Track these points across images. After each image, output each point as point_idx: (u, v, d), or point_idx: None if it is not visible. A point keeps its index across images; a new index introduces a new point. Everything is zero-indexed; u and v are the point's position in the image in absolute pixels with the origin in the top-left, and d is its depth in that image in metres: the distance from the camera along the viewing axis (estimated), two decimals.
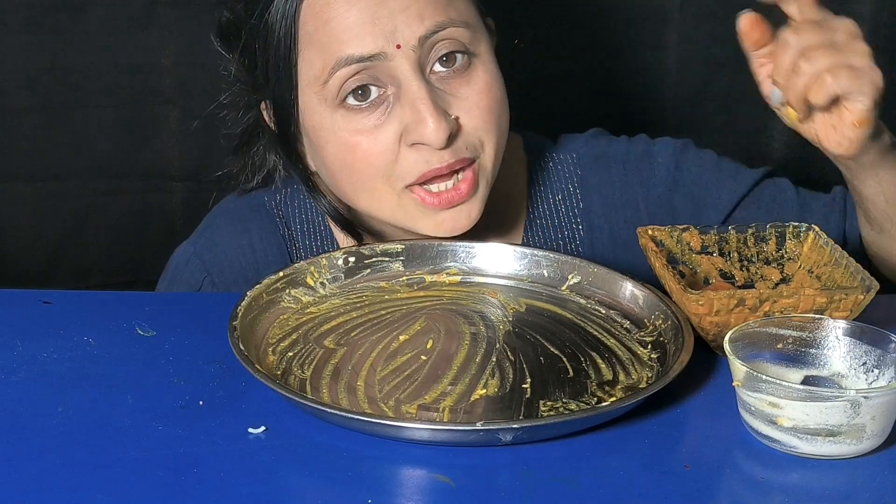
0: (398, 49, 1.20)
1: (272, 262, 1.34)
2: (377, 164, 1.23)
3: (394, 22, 1.20)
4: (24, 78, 1.69)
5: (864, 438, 0.95)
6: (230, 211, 1.39)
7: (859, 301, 1.05)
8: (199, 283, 1.34)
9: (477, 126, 1.24)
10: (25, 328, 1.13)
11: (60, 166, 1.73)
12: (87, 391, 1.03)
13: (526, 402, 1.02)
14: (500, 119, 1.26)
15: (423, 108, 1.20)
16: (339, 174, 1.27)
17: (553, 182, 1.40)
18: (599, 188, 1.38)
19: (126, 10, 1.69)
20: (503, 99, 1.27)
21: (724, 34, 1.81)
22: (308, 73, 1.24)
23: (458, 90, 1.24)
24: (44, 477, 0.92)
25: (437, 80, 1.23)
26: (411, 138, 1.21)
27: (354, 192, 1.27)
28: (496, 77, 1.26)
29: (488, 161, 1.26)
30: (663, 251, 1.16)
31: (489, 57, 1.26)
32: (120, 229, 1.77)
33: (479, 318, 1.15)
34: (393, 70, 1.21)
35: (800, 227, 1.17)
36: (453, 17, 1.22)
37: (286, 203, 1.38)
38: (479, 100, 1.24)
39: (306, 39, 1.23)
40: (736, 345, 1.00)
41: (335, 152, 1.25)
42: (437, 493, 0.92)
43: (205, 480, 0.92)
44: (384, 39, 1.20)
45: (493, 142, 1.26)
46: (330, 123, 1.24)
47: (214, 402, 1.02)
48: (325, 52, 1.21)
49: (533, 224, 1.38)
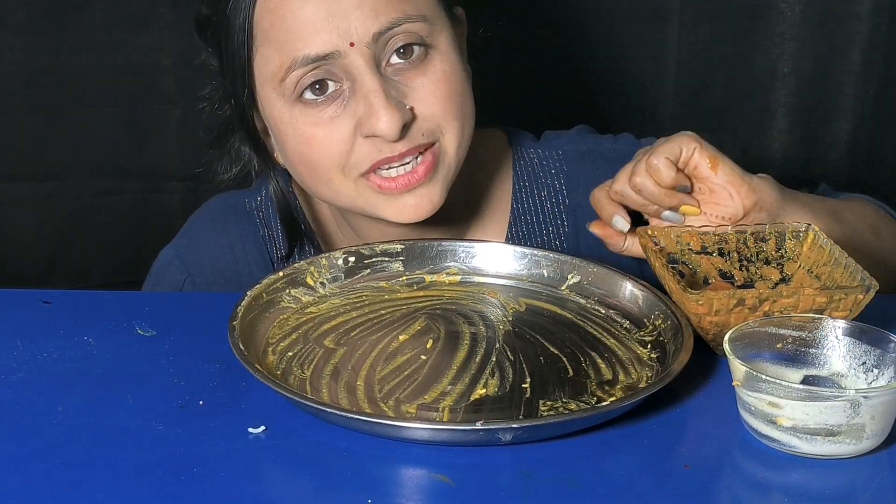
0: (352, 47, 1.20)
1: (252, 262, 1.35)
2: (333, 156, 1.24)
3: (348, 19, 1.20)
4: (24, 78, 1.69)
5: (863, 438, 0.95)
6: (210, 213, 1.41)
7: (859, 301, 1.05)
8: (179, 283, 1.35)
9: (434, 113, 1.24)
10: (25, 328, 1.13)
11: (60, 166, 1.74)
12: (87, 391, 1.03)
13: (526, 401, 1.02)
14: (461, 107, 1.26)
15: (376, 102, 1.20)
16: (299, 166, 1.27)
17: (538, 178, 1.40)
18: (586, 185, 1.38)
19: (126, 10, 1.70)
20: (463, 88, 1.26)
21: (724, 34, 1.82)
22: (265, 69, 1.24)
23: (413, 80, 1.24)
24: (44, 477, 0.92)
25: (392, 71, 1.23)
26: (365, 130, 1.22)
27: (315, 184, 1.28)
28: (455, 67, 1.26)
29: (450, 145, 1.26)
30: (663, 251, 1.16)
31: (449, 47, 1.26)
32: (120, 229, 1.77)
33: (478, 318, 1.15)
34: (347, 66, 1.21)
35: (799, 226, 1.17)
36: (409, 12, 1.22)
37: (266, 204, 1.39)
38: (436, 89, 1.24)
39: (262, 36, 1.23)
40: (735, 345, 1.00)
41: (294, 145, 1.26)
42: (437, 493, 0.92)
43: (205, 480, 0.92)
44: (339, 37, 1.20)
45: (453, 129, 1.25)
46: (288, 118, 1.24)
47: (214, 402, 1.02)
48: (281, 50, 1.22)
49: (518, 219, 1.39)
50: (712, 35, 1.80)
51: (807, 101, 1.82)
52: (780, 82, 1.82)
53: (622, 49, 1.81)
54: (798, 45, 1.80)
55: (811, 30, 1.79)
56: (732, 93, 1.83)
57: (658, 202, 1.19)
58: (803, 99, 1.82)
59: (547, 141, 1.43)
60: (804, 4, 1.79)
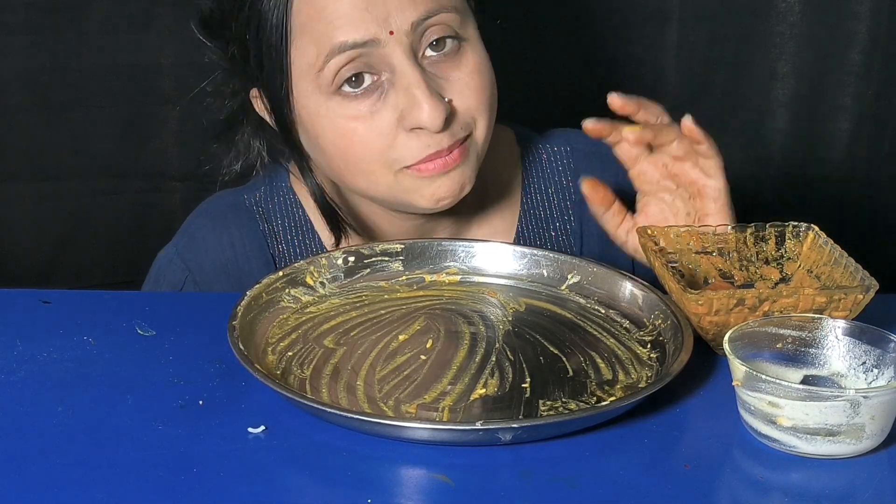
0: (391, 35, 1.21)
1: (252, 258, 1.35)
2: (374, 149, 1.24)
3: (387, 8, 1.21)
4: (24, 78, 1.69)
5: (863, 438, 0.95)
6: (210, 210, 1.41)
7: (859, 301, 1.05)
8: (180, 282, 1.35)
9: (470, 106, 1.25)
10: (25, 328, 1.13)
11: (60, 166, 1.73)
12: (87, 391, 1.03)
13: (525, 401, 1.02)
14: (491, 99, 1.28)
15: (419, 93, 1.21)
16: (336, 159, 1.27)
17: (546, 174, 1.41)
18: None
19: (126, 10, 1.69)
20: (492, 79, 1.28)
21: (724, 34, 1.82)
22: (302, 61, 1.24)
23: (449, 73, 1.25)
24: (44, 477, 0.92)
25: (428, 64, 1.24)
26: (409, 123, 1.22)
27: (352, 176, 1.28)
28: (485, 58, 1.28)
29: (480, 136, 1.27)
30: (663, 251, 1.16)
31: (477, 39, 1.28)
32: (120, 229, 1.77)
33: (478, 318, 1.15)
34: (387, 56, 1.22)
35: (799, 226, 1.17)
36: (444, 2, 1.23)
37: (265, 200, 1.39)
38: (471, 80, 1.25)
39: (300, 29, 1.23)
40: (735, 344, 1.00)
41: (332, 138, 1.26)
42: (436, 493, 0.92)
43: (205, 480, 0.92)
44: (377, 25, 1.20)
45: (484, 119, 1.27)
46: (325, 111, 1.24)
47: (214, 402, 1.02)
48: (318, 40, 1.22)
49: (526, 215, 1.39)
50: (712, 35, 1.80)
51: (807, 101, 1.82)
52: (780, 82, 1.81)
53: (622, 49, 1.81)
54: (798, 45, 1.80)
55: (811, 30, 1.79)
56: (732, 93, 1.83)
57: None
58: (803, 99, 1.82)
59: (554, 137, 1.44)
60: (804, 4, 1.78)
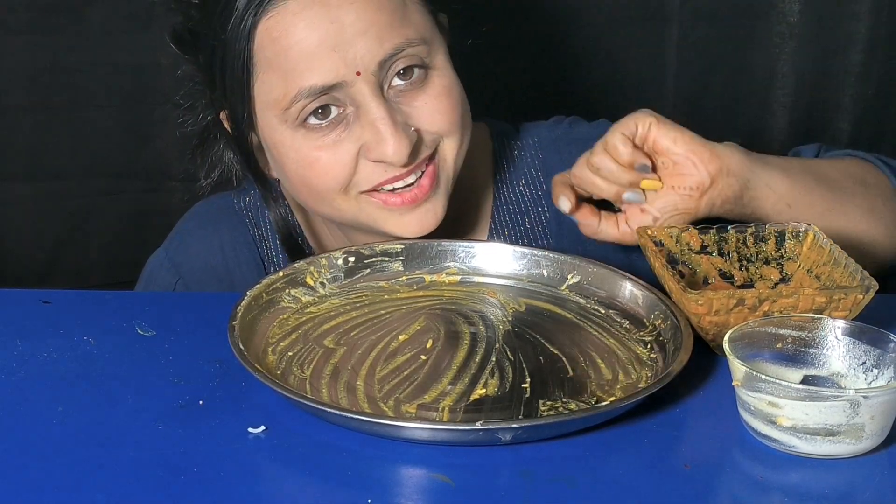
0: (358, 76, 1.20)
1: (243, 261, 1.36)
2: (336, 178, 1.24)
3: (354, 48, 1.20)
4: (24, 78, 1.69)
5: (863, 438, 0.95)
6: (199, 214, 1.41)
7: (858, 301, 1.05)
8: (171, 286, 1.36)
9: (439, 130, 1.25)
10: (25, 328, 1.13)
11: (60, 166, 1.73)
12: (87, 391, 1.03)
13: (526, 401, 1.02)
14: (461, 118, 1.27)
15: (384, 129, 1.21)
16: (300, 187, 1.27)
17: (517, 168, 1.41)
18: (560, 167, 1.38)
19: (126, 10, 1.69)
20: (461, 98, 1.27)
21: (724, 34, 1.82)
22: (267, 95, 1.23)
23: (414, 100, 1.24)
24: (44, 477, 0.92)
25: (394, 94, 1.23)
26: (372, 156, 1.22)
27: (315, 203, 1.28)
28: (453, 80, 1.27)
29: (449, 156, 1.26)
30: (663, 251, 1.16)
31: (445, 62, 1.27)
32: (120, 229, 1.77)
33: (478, 318, 1.15)
34: (354, 94, 1.21)
35: (799, 226, 1.17)
36: (410, 36, 1.22)
37: (255, 204, 1.39)
38: (437, 104, 1.25)
39: (265, 63, 1.22)
40: (735, 344, 1.00)
41: (295, 168, 1.25)
42: (436, 493, 0.92)
43: (205, 480, 0.92)
44: (345, 66, 1.20)
45: (453, 139, 1.26)
46: (290, 141, 1.24)
47: (214, 402, 1.02)
48: (285, 79, 1.21)
49: (500, 210, 1.39)
50: (712, 35, 1.80)
51: (806, 101, 1.82)
52: (780, 82, 1.82)
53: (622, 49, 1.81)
54: (797, 44, 1.80)
55: (811, 29, 1.79)
56: (732, 93, 1.83)
57: (617, 181, 1.20)
58: (803, 99, 1.82)
59: (525, 131, 1.44)
60: (803, 4, 1.79)
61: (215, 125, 1.34)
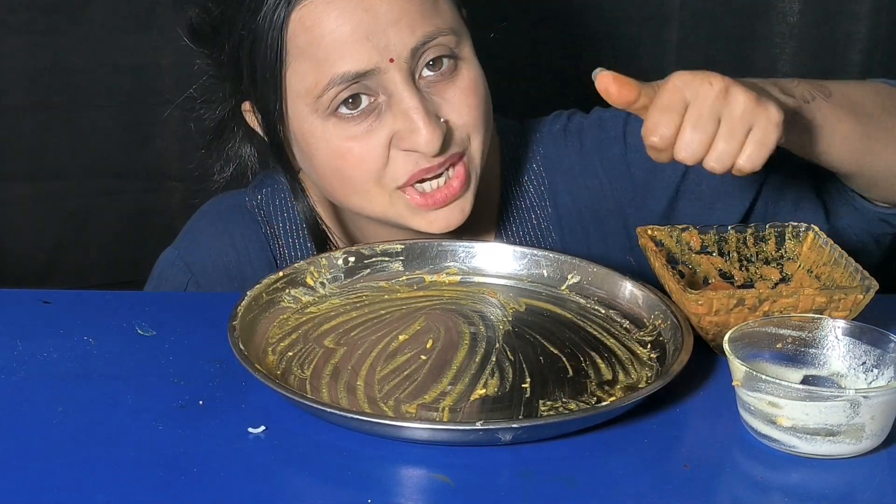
0: (391, 62, 1.21)
1: (255, 259, 1.36)
2: (369, 169, 1.24)
3: (386, 35, 1.20)
4: (24, 78, 1.69)
5: (863, 438, 0.95)
6: (211, 213, 1.41)
7: (858, 301, 1.05)
8: (183, 285, 1.35)
9: (466, 123, 1.26)
10: (25, 328, 1.13)
11: (60, 166, 1.74)
12: (87, 391, 1.03)
13: (526, 401, 1.02)
14: (486, 114, 1.28)
15: (417, 118, 1.21)
16: (330, 178, 1.27)
17: (521, 164, 1.41)
18: (559, 161, 1.39)
19: (126, 10, 1.70)
20: (487, 94, 1.29)
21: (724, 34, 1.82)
22: (299, 84, 1.24)
23: (445, 92, 1.25)
24: (44, 477, 0.92)
25: (425, 84, 1.24)
26: (404, 145, 1.23)
27: (346, 195, 1.28)
28: (479, 74, 1.28)
29: (476, 153, 1.27)
30: (663, 251, 1.16)
31: (472, 55, 1.28)
32: (120, 229, 1.77)
33: (478, 318, 1.15)
34: (386, 82, 1.22)
35: (799, 226, 1.17)
36: (441, 25, 1.23)
37: (267, 202, 1.39)
38: (466, 98, 1.25)
39: (297, 52, 1.23)
40: (735, 344, 1.00)
41: (326, 158, 1.26)
42: (436, 493, 0.92)
43: (205, 480, 0.92)
44: (378, 54, 1.20)
45: (480, 135, 1.27)
46: (321, 132, 1.24)
47: (214, 402, 1.02)
48: (318, 67, 1.22)
49: (507, 204, 1.39)
50: (712, 35, 1.80)
51: None
52: None
53: (622, 49, 1.81)
54: (798, 44, 1.80)
55: (811, 29, 1.79)
56: None
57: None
58: None
59: (528, 127, 1.44)
60: (804, 4, 1.79)
61: (233, 118, 1.34)
